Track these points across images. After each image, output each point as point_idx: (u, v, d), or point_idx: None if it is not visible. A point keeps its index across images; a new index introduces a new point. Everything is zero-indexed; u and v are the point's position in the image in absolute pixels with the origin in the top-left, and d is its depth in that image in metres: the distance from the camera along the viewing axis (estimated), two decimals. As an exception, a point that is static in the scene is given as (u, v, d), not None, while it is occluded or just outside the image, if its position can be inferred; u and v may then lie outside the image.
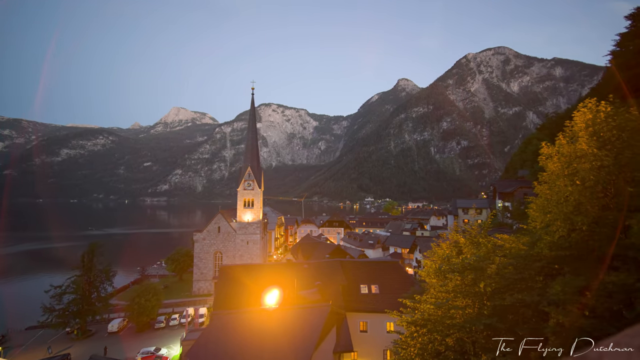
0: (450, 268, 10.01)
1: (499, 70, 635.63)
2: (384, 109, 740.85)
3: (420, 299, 10.13)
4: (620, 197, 10.62)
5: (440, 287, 10.40)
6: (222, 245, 60.52)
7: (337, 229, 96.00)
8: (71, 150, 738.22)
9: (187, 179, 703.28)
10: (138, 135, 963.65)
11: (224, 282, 28.54)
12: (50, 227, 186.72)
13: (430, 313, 9.37)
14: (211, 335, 18.10)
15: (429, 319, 9.11)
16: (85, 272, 45.42)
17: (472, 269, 9.58)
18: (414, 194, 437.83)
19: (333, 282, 29.88)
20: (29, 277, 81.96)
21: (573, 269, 10.72)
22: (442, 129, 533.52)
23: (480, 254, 10.36)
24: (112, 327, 45.27)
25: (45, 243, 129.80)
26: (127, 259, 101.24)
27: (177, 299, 58.48)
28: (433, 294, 10.34)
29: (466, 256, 10.86)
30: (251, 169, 60.96)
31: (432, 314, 9.31)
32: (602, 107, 10.92)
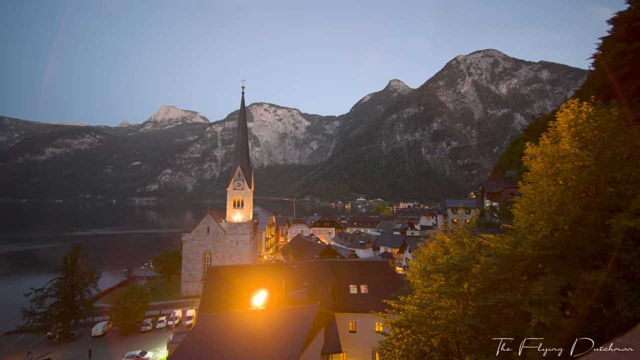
0: (435, 268, 9.95)
1: (488, 73, 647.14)
2: (376, 110, 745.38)
3: (404, 299, 10.04)
4: (602, 197, 10.74)
5: (424, 288, 10.33)
6: (212, 246, 59.69)
7: (328, 229, 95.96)
8: (56, 149, 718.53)
9: (177, 178, 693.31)
10: (127, 134, 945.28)
11: (211, 283, 28.05)
12: (34, 228, 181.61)
13: (415, 314, 9.27)
14: (196, 338, 17.68)
15: (413, 320, 9.02)
16: (68, 275, 44.04)
17: (457, 269, 9.53)
18: (405, 194, 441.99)
19: (322, 282, 29.71)
20: (9, 280, 79.33)
21: (555, 269, 10.79)
22: (433, 129, 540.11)
23: (465, 254, 10.33)
24: (96, 330, 44.06)
25: (27, 245, 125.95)
26: (113, 260, 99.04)
27: (165, 300, 57.40)
28: (418, 295, 10.26)
29: (451, 256, 10.83)
30: (241, 169, 60.29)
31: (416, 315, 9.22)
32: (584, 108, 11.03)
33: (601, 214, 9.70)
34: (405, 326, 9.10)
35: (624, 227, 7.81)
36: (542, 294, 7.65)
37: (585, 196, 11.21)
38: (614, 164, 9.99)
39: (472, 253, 10.41)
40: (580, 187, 10.49)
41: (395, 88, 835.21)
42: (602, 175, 10.27)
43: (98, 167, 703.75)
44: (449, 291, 9.62)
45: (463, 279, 9.30)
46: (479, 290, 9.94)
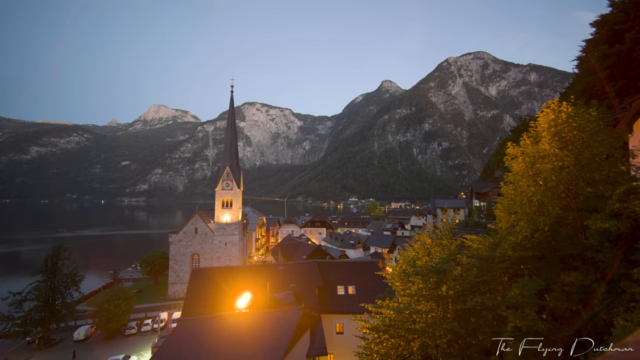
0: (414, 271, 9.73)
1: (478, 74, 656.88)
2: (368, 110, 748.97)
3: (382, 303, 9.79)
4: (581, 198, 10.68)
5: (402, 291, 10.10)
6: (199, 247, 58.73)
7: (319, 229, 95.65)
8: (42, 147, 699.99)
9: (167, 178, 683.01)
10: (115, 133, 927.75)
11: (195, 286, 27.40)
12: (16, 230, 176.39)
13: (392, 318, 9.03)
14: (174, 343, 17.14)
15: (391, 324, 8.77)
16: (49, 277, 42.63)
17: (435, 271, 9.33)
18: (396, 194, 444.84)
19: (308, 284, 29.35)
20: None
21: (535, 270, 10.69)
22: (424, 130, 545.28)
23: (444, 256, 10.15)
24: (78, 334, 42.78)
25: (8, 247, 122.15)
26: (100, 262, 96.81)
27: (152, 303, 56.24)
28: (395, 299, 10.03)
29: (431, 259, 10.65)
30: (230, 169, 59.46)
31: (393, 319, 8.97)
32: (564, 108, 10.97)
33: (580, 215, 9.61)
34: (382, 331, 8.84)
35: (600, 229, 7.70)
36: (519, 297, 7.48)
37: (565, 197, 11.15)
38: (592, 164, 9.92)
39: (451, 255, 10.23)
40: (560, 188, 10.41)
41: (387, 89, 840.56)
42: (581, 176, 10.20)
43: (86, 166, 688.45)
44: (428, 294, 9.40)
45: (442, 282, 9.10)
46: (459, 293, 9.75)
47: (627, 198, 7.53)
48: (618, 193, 7.78)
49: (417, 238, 13.03)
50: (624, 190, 7.68)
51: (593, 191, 9.53)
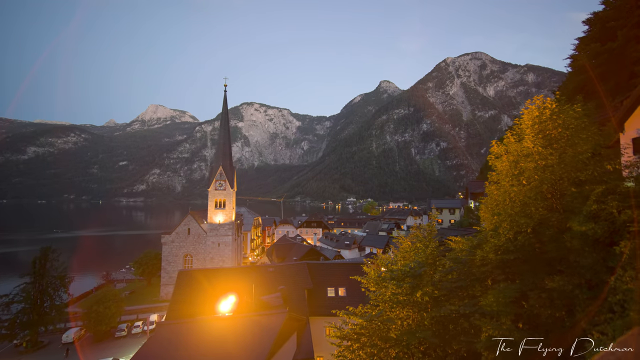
0: (389, 275, 9.24)
1: (476, 75, 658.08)
2: (366, 110, 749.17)
3: (353, 310, 9.29)
4: (566, 198, 10.22)
5: (375, 296, 9.62)
6: (192, 248, 58.11)
7: (314, 229, 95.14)
8: (39, 148, 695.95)
9: (165, 178, 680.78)
10: (113, 133, 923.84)
11: (181, 288, 26.84)
12: (13, 230, 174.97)
13: (364, 326, 8.54)
14: (153, 347, 16.57)
15: (361, 332, 8.28)
16: (37, 279, 41.93)
17: (410, 276, 8.85)
18: (395, 194, 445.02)
19: (298, 285, 28.85)
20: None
21: (518, 274, 10.23)
22: (422, 130, 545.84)
23: (420, 259, 9.67)
24: (66, 337, 42.06)
25: (3, 247, 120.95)
26: (94, 263, 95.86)
27: (143, 304, 55.55)
28: (368, 305, 9.55)
29: (407, 262, 10.18)
30: (223, 169, 58.88)
31: (365, 327, 8.48)
32: (548, 105, 10.51)
33: (564, 217, 9.14)
34: (353, 339, 8.35)
35: (577, 232, 7.23)
36: (494, 305, 7.00)
37: (551, 197, 10.69)
38: (577, 162, 9.45)
39: (428, 258, 9.75)
40: (543, 187, 9.94)
41: (385, 89, 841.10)
42: (565, 175, 9.74)
43: (83, 167, 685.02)
44: (404, 300, 8.91)
45: (417, 287, 8.61)
46: (436, 298, 9.27)
47: (605, 199, 7.07)
48: (596, 193, 7.31)
49: (400, 241, 12.55)
50: (602, 191, 7.22)
51: (577, 191, 9.06)
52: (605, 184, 7.59)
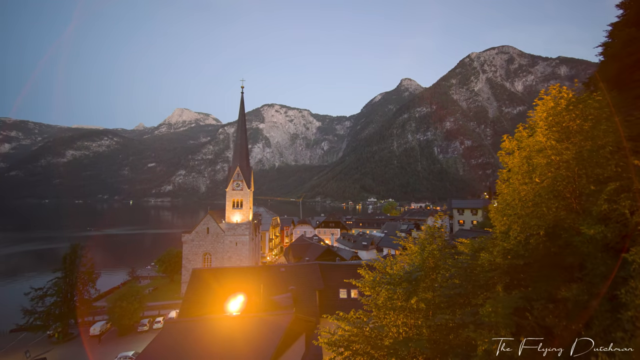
0: (386, 280, 8.67)
1: (503, 70, 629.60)
2: (387, 109, 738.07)
3: (343, 315, 8.79)
4: (585, 198, 9.19)
5: (365, 301, 9.06)
6: (211, 247, 59.48)
7: (332, 229, 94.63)
8: (76, 151, 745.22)
9: (190, 179, 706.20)
10: (142, 136, 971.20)
11: (194, 286, 27.36)
12: (53, 228, 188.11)
13: (354, 332, 8.04)
14: (160, 344, 16.87)
15: (352, 339, 7.79)
16: (67, 274, 44.55)
17: (406, 280, 8.25)
18: (417, 194, 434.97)
19: (309, 286, 28.57)
20: (22, 278, 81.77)
21: (531, 281, 9.34)
22: (446, 128, 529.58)
23: (417, 263, 9.01)
24: (93, 330, 44.35)
25: (43, 244, 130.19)
26: (122, 259, 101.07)
27: (165, 301, 57.55)
28: (361, 311, 9.00)
29: (403, 266, 9.55)
30: (240, 169, 59.83)
31: (355, 334, 7.98)
32: (564, 94, 9.49)
33: (582, 218, 8.18)
34: (344, 346, 7.88)
35: (586, 236, 6.35)
36: (492, 315, 6.30)
37: (570, 196, 9.66)
38: (597, 157, 8.43)
39: (425, 261, 9.06)
40: (558, 186, 8.97)
41: (406, 87, 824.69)
42: (584, 172, 8.72)
43: (115, 168, 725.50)
44: (399, 306, 8.32)
45: (412, 293, 8.00)
46: (437, 305, 8.60)
47: (617, 197, 6.14)
48: (608, 191, 6.38)
49: (399, 242, 11.88)
50: (614, 188, 6.28)
51: (596, 190, 8.06)
52: (621, 181, 6.61)
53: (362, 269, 10.24)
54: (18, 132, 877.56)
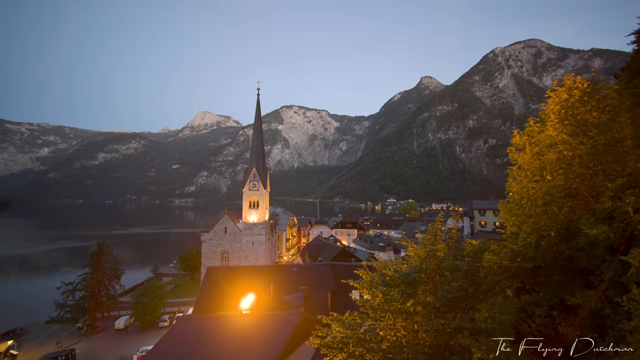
0: (382, 281, 8.34)
1: (530, 64, 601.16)
2: (407, 108, 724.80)
3: (337, 316, 8.53)
4: (602, 196, 8.45)
5: (360, 303, 8.75)
6: (229, 246, 60.68)
7: (349, 230, 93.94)
8: (107, 154, 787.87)
9: (212, 180, 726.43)
10: (167, 139, 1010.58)
11: (208, 284, 27.97)
12: (86, 227, 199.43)
13: (348, 335, 7.78)
14: (170, 340, 17.33)
15: (344, 341, 7.53)
16: (94, 270, 46.96)
17: (404, 282, 7.89)
18: (438, 194, 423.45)
19: (321, 287, 28.43)
20: (57, 273, 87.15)
21: (541, 286, 8.76)
22: (468, 127, 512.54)
23: (416, 264, 8.60)
24: (118, 324, 46.48)
25: (76, 241, 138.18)
26: (147, 257, 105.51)
27: (185, 298, 59.36)
28: (356, 313, 8.69)
29: (401, 268, 9.16)
30: (256, 170, 60.71)
31: (349, 336, 7.71)
32: (579, 84, 8.79)
33: (585, 217, 7.51)
34: (338, 348, 7.65)
35: (591, 237, 5.76)
36: (489, 321, 5.88)
37: (587, 195, 8.94)
38: (613, 152, 7.72)
39: (423, 263, 8.63)
40: (571, 184, 8.30)
41: (427, 85, 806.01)
42: (599, 168, 8.02)
43: (142, 170, 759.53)
44: (396, 309, 7.98)
45: (410, 296, 7.65)
46: (437, 309, 8.19)
47: (622, 194, 5.49)
48: (613, 187, 5.74)
49: (401, 243, 11.46)
50: (621, 184, 5.63)
51: (613, 186, 7.36)
52: (629, 176, 5.95)
53: (361, 269, 9.95)
54: (56, 137, 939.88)
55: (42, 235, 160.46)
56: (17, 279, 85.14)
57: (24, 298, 67.51)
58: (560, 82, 9.70)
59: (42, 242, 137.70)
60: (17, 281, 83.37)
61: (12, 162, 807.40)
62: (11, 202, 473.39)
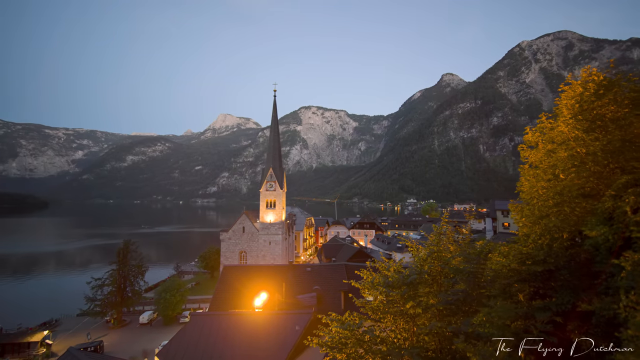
0: (381, 282, 8.20)
1: (560, 58, 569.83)
2: (427, 107, 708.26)
3: (336, 316, 8.45)
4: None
5: (360, 303, 8.62)
6: (247, 245, 61.89)
7: (367, 231, 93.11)
8: (135, 156, 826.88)
9: (233, 181, 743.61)
10: (190, 141, 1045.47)
11: (224, 282, 28.68)
12: (115, 225, 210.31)
13: (346, 335, 7.70)
14: (185, 336, 17.93)
15: (342, 341, 7.46)
16: (120, 267, 49.38)
17: (405, 283, 7.71)
18: (460, 195, 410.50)
19: (334, 287, 28.36)
20: (90, 269, 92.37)
21: (552, 290, 8.35)
22: (492, 124, 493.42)
23: (416, 265, 8.37)
24: (143, 318, 48.58)
25: (108, 239, 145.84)
26: (170, 255, 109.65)
27: (205, 295, 60.99)
28: (356, 313, 8.56)
29: (402, 269, 8.93)
30: (273, 170, 61.56)
31: (346, 336, 7.63)
32: (594, 76, 8.27)
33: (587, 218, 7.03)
34: (337, 348, 7.61)
35: (594, 239, 5.34)
36: (486, 326, 5.64)
37: (602, 194, 8.40)
38: (631, 149, 7.18)
39: (424, 264, 8.39)
40: (584, 182, 7.81)
41: (448, 82, 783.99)
42: (617, 165, 7.48)
43: (167, 171, 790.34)
44: (396, 310, 7.83)
45: (410, 297, 7.47)
46: (439, 312, 7.97)
47: (624, 193, 5.03)
48: (616, 186, 5.28)
49: (405, 244, 11.24)
50: (624, 182, 5.16)
51: (616, 185, 6.85)
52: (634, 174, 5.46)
53: (364, 269, 9.85)
54: (89, 141, 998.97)
55: (76, 233, 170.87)
56: (55, 274, 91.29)
57: (60, 291, 72.09)
58: (588, 74, 9.15)
59: (76, 240, 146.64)
60: (55, 275, 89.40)
61: (50, 165, 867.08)
62: (50, 203, 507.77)
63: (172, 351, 16.92)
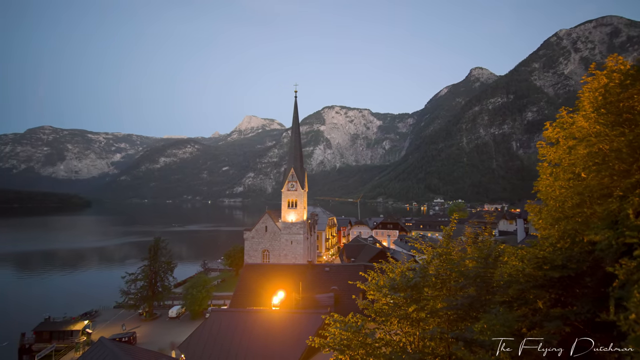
0: (386, 284, 8.00)
1: (604, 45, 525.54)
2: (455, 103, 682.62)
3: (339, 317, 8.32)
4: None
5: (362, 305, 8.43)
6: (269, 244, 63.08)
7: (390, 231, 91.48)
8: (167, 158, 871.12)
9: (258, 181, 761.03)
10: (218, 142, 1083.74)
11: (245, 280, 29.47)
12: (150, 223, 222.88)
13: (348, 337, 7.60)
14: (205, 331, 18.62)
15: (344, 343, 7.37)
16: (152, 263, 52.23)
17: (409, 286, 7.48)
18: (491, 194, 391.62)
19: (353, 287, 28.13)
20: (126, 264, 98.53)
21: (571, 298, 7.84)
22: (527, 120, 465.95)
23: (422, 268, 8.06)
24: (171, 312, 51.06)
25: (143, 236, 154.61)
26: (199, 252, 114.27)
27: (230, 292, 62.87)
28: (359, 315, 8.38)
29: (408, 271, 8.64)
30: (294, 170, 62.23)
31: (350, 338, 7.52)
32: (621, 66, 7.57)
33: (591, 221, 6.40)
34: (339, 350, 7.54)
35: (601, 244, 4.80)
36: (487, 333, 5.34)
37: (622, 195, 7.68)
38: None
39: (429, 268, 8.07)
40: (608, 182, 7.17)
41: (477, 77, 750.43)
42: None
43: (196, 172, 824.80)
44: (400, 314, 7.62)
45: (413, 301, 7.24)
46: (447, 317, 7.68)
47: (631, 194, 4.45)
48: (624, 186, 4.70)
49: (413, 245, 10.89)
50: (634, 181, 4.58)
51: (624, 185, 6.19)
52: None
53: (371, 270, 9.70)
54: (126, 144, 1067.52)
55: (115, 230, 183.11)
56: (96, 268, 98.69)
57: (99, 284, 77.54)
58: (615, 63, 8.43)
59: (115, 237, 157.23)
60: (96, 269, 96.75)
61: (92, 167, 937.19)
62: (93, 202, 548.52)
63: (192, 345, 17.65)
